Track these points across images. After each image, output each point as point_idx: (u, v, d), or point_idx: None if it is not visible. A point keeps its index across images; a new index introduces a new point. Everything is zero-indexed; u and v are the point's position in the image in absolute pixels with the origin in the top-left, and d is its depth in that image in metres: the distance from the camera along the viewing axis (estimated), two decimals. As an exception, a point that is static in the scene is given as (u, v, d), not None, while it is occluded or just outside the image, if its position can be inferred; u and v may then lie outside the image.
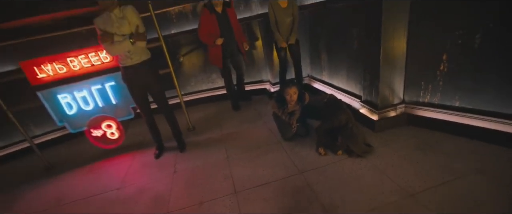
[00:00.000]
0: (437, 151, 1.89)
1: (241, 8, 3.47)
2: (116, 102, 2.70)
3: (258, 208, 1.68)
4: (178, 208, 1.84)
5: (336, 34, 2.80)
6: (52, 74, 2.46)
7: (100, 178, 2.47)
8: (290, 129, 2.38)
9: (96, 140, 2.83)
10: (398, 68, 2.23)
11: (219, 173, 2.14)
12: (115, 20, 2.05)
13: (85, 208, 2.06)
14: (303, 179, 1.88)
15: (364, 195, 1.62)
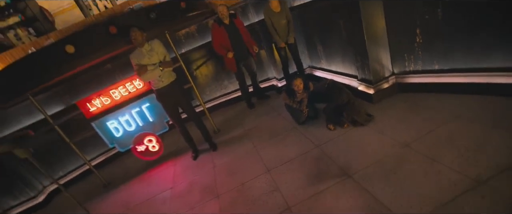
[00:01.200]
0: (424, 108, 2.30)
1: (245, 17, 3.91)
2: (153, 120, 3.22)
3: (288, 177, 2.14)
4: (225, 191, 2.32)
5: (326, 27, 3.22)
6: (100, 106, 2.99)
7: (153, 183, 2.99)
8: (301, 114, 2.82)
9: (141, 154, 3.35)
10: (382, 46, 2.64)
11: (250, 159, 2.62)
12: (145, 54, 2.54)
13: (151, 207, 2.57)
14: (320, 150, 2.33)
15: (369, 153, 2.06)
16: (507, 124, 1.78)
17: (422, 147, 1.91)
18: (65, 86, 3.55)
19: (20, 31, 3.24)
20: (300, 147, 2.50)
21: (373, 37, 2.57)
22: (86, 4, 3.42)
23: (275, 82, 4.20)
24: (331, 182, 1.93)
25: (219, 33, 3.26)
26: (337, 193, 1.82)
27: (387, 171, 1.83)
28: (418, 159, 1.83)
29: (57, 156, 3.69)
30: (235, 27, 3.30)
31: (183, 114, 2.98)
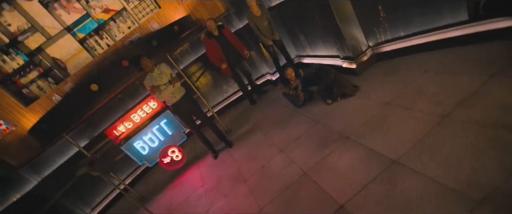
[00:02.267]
0: (398, 70, 2.73)
1: (230, 25, 4.33)
2: (172, 133, 3.64)
3: (299, 151, 2.57)
4: (249, 175, 2.75)
5: (304, 19, 3.63)
6: (124, 131, 3.41)
7: (185, 186, 3.41)
8: (298, 99, 3.24)
9: (167, 165, 3.77)
10: (354, 25, 3.06)
11: (264, 146, 3.04)
12: (156, 77, 2.96)
13: (190, 204, 2.99)
14: (320, 124, 2.75)
15: (360, 116, 2.48)
16: (461, 69, 2.20)
17: (400, 101, 2.33)
18: (85, 122, 3.96)
19: (41, 82, 3.65)
20: (303, 125, 2.92)
21: (344, 20, 2.99)
22: (90, 46, 3.84)
23: (269, 76, 4.62)
24: (334, 146, 2.36)
25: (211, 45, 3.66)
26: (340, 153, 2.25)
27: (375, 127, 2.26)
28: (397, 111, 2.26)
29: (92, 183, 4.11)
30: (224, 36, 3.70)
31: (196, 121, 3.39)
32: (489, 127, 1.67)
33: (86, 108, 3.01)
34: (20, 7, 3.34)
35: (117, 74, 3.02)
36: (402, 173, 1.77)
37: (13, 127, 3.40)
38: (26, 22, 3.42)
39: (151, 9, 4.14)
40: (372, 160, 1.99)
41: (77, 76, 3.76)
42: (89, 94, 2.96)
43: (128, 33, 4.05)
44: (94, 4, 3.85)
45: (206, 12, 4.28)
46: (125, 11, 4.04)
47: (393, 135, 2.07)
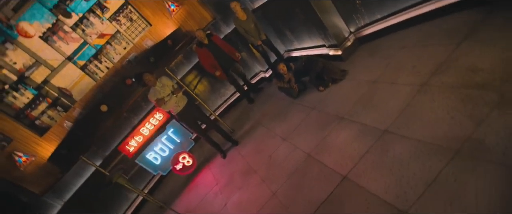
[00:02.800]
0: (379, 50, 2.96)
1: (219, 31, 4.55)
2: (180, 140, 3.85)
3: (301, 137, 2.79)
4: (259, 166, 2.97)
5: (288, 16, 3.86)
6: (136, 145, 3.62)
7: (200, 188, 3.62)
8: (293, 90, 3.47)
9: (180, 171, 3.98)
10: (334, 15, 3.29)
11: (268, 138, 3.26)
12: (159, 90, 3.18)
13: (207, 203, 3.20)
14: (317, 110, 2.98)
15: (351, 97, 2.71)
16: (434, 41, 2.44)
17: (384, 78, 2.56)
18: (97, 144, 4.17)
19: (51, 112, 3.86)
20: (301, 114, 3.15)
21: (324, 12, 3.22)
22: (91, 71, 4.05)
23: (263, 74, 4.85)
24: (331, 127, 2.59)
25: (203, 54, 3.88)
26: (337, 132, 2.48)
27: (365, 104, 2.49)
28: (383, 87, 2.49)
29: (112, 198, 4.31)
30: (214, 44, 3.92)
31: (201, 125, 3.61)
32: (460, 88, 1.90)
33: (98, 129, 3.22)
34: (22, 45, 3.56)
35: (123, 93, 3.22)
36: (392, 140, 1.99)
37: (32, 157, 3.61)
38: (29, 58, 3.64)
39: (143, 28, 4.36)
40: (365, 133, 2.22)
41: (83, 101, 3.98)
42: (100, 116, 3.17)
43: (125, 53, 4.27)
44: (90, 32, 4.07)
45: (194, 23, 4.51)
46: (119, 34, 4.26)
47: (382, 109, 2.30)
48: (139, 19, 4.32)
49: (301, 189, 2.27)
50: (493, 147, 1.46)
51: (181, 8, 4.42)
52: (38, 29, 3.71)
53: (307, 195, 2.17)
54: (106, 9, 4.12)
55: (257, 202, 2.53)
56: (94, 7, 4.05)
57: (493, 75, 1.78)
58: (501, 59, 1.82)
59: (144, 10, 4.30)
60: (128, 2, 4.21)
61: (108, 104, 3.14)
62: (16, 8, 3.25)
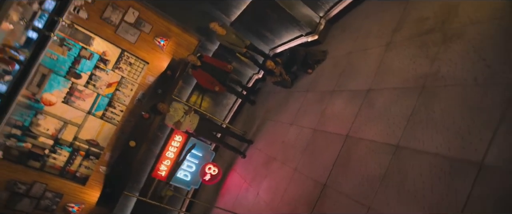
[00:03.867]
0: (348, 24, 3.37)
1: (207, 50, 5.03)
2: (202, 154, 4.28)
3: (305, 118, 3.19)
4: (276, 153, 3.35)
5: (262, 19, 4.31)
6: (166, 168, 4.06)
7: (231, 189, 4.01)
8: (286, 81, 3.88)
9: (209, 181, 4.39)
10: (300, 7, 3.72)
11: (277, 129, 3.66)
12: (173, 114, 3.62)
13: (243, 198, 3.58)
14: (311, 91, 3.38)
15: (335, 71, 3.10)
16: (389, 5, 2.84)
17: (357, 47, 2.96)
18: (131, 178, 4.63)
19: (86, 163, 4.35)
20: (299, 99, 3.55)
21: (292, 7, 3.66)
22: (109, 118, 4.55)
23: (256, 76, 5.28)
24: (326, 101, 2.98)
25: (199, 75, 4.32)
26: (332, 104, 2.87)
27: (348, 73, 2.88)
28: (357, 55, 2.88)
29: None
30: (206, 63, 4.37)
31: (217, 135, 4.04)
32: (415, 37, 2.29)
33: (131, 164, 3.68)
34: (49, 113, 4.09)
35: (143, 127, 3.69)
36: (375, 95, 2.38)
37: (82, 205, 4.07)
38: (58, 122, 4.17)
39: (142, 68, 4.87)
40: (354, 97, 2.61)
41: (110, 146, 4.46)
42: (130, 152, 3.63)
43: (133, 94, 4.77)
44: (99, 84, 4.59)
45: (184, 49, 5.00)
46: (124, 79, 4.77)
47: (361, 73, 2.69)
48: (137, 61, 4.84)
49: (316, 158, 2.66)
50: (447, 74, 1.84)
51: (170, 41, 4.92)
52: (58, 96, 4.25)
53: (322, 160, 2.55)
54: (107, 61, 4.64)
55: (283, 182, 2.92)
56: (97, 63, 4.59)
57: (435, 20, 2.17)
58: (439, 6, 2.21)
59: (139, 52, 4.81)
60: (124, 50, 4.74)
61: (134, 139, 3.60)
62: (39, 83, 3.79)
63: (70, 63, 4.42)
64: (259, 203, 3.14)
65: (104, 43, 4.62)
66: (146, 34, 4.83)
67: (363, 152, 2.16)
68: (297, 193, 2.63)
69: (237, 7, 4.42)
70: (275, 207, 2.82)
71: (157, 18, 4.86)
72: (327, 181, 2.34)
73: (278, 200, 2.84)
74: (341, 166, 2.30)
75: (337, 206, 2.11)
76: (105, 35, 4.59)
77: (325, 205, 2.22)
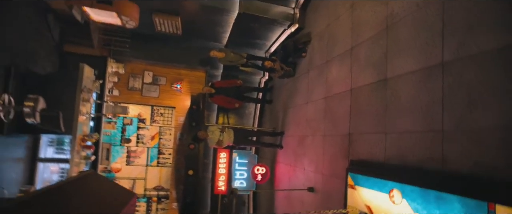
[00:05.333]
0: (318, 4, 3.90)
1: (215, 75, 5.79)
2: (247, 160, 4.89)
3: (314, 93, 3.69)
4: (304, 132, 3.86)
5: (248, 32, 4.97)
6: (223, 183, 4.71)
7: (282, 179, 4.52)
8: (288, 72, 4.43)
9: (262, 181, 4.94)
10: (271, 8, 4.31)
11: (297, 112, 4.18)
12: (212, 137, 4.30)
13: (296, 180, 4.08)
14: (311, 70, 3.90)
15: (322, 46, 3.61)
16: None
17: (331, 19, 3.47)
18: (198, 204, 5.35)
19: (160, 206, 5.20)
20: (304, 80, 4.08)
21: (266, 12, 4.28)
22: (163, 162, 5.37)
23: (263, 79, 5.90)
24: (325, 72, 3.48)
25: (217, 100, 4.99)
26: (330, 70, 3.36)
27: (332, 43, 3.38)
28: (334, 25, 3.39)
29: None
30: (219, 88, 5.05)
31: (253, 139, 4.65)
32: (368, -9, 2.77)
33: (195, 191, 4.43)
34: (120, 177, 5.06)
35: (193, 155, 4.43)
36: (357, 50, 2.85)
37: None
38: (128, 182, 5.12)
39: (171, 113, 5.73)
40: (343, 59, 3.09)
41: (172, 185, 5.30)
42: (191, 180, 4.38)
43: (173, 136, 5.61)
44: (146, 140, 5.51)
45: (197, 83, 5.81)
46: (161, 128, 5.65)
47: (342, 37, 3.18)
48: (165, 110, 5.71)
49: (335, 119, 3.14)
50: (399, 10, 2.30)
51: (184, 82, 5.76)
52: (121, 162, 5.22)
53: (340, 118, 3.03)
54: (144, 120, 5.57)
55: (319, 149, 3.41)
56: (138, 124, 5.53)
57: (376, -27, 2.65)
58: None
59: (164, 102, 5.69)
60: (152, 105, 5.66)
61: (192, 168, 4.33)
62: (107, 157, 4.75)
63: (120, 133, 5.39)
64: (308, 175, 3.63)
65: (137, 107, 5.56)
66: (164, 85, 5.72)
67: (366, 96, 2.62)
68: (333, 151, 3.10)
69: (225, 31, 5.14)
70: (321, 171, 3.31)
71: (167, 70, 5.75)
72: (350, 131, 2.81)
73: (321, 165, 3.32)
74: (355, 115, 2.77)
75: (364, 144, 2.56)
76: (135, 100, 5.54)
77: (356, 148, 2.68)
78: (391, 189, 1.99)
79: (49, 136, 3.80)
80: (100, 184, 1.96)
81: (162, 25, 4.67)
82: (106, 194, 1.87)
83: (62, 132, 3.35)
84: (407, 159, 2.05)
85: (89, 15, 3.75)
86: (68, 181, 1.93)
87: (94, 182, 1.97)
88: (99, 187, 1.92)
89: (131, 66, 5.55)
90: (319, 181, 3.36)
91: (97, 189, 1.89)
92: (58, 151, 3.91)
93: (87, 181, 1.93)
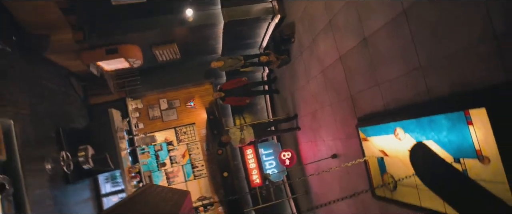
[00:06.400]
0: (290, -8, 4.21)
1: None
2: (272, 150, 5.27)
3: (311, 70, 4.01)
4: (314, 108, 4.17)
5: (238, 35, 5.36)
6: (257, 176, 5.12)
7: (308, 154, 4.85)
8: (284, 60, 4.77)
9: (290, 164, 5.26)
10: (251, 8, 4.68)
11: (302, 92, 4.51)
12: (235, 137, 4.73)
13: (319, 152, 4.41)
14: (303, 52, 4.22)
15: (305, 27, 3.92)
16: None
17: (308, 1, 3.78)
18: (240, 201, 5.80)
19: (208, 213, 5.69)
20: (300, 63, 4.40)
21: (247, 13, 4.65)
22: (198, 174, 5.89)
23: (264, 73, 6.26)
24: (314, 49, 3.79)
25: (229, 101, 5.42)
26: (318, 46, 3.67)
27: (313, 21, 3.69)
28: (310, 6, 3.69)
29: None
30: (227, 90, 5.48)
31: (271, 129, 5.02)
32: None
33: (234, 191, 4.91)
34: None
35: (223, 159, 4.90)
36: (335, 21, 3.14)
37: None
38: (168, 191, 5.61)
39: (193, 129, 6.27)
40: (327, 33, 3.39)
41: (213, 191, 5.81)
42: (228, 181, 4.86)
43: (201, 149, 6.12)
44: (178, 160, 6.09)
45: (207, 96, 6.30)
46: (188, 145, 6.19)
47: (319, 14, 3.49)
48: (187, 128, 6.24)
49: (336, 87, 3.44)
50: (357, -23, 2.59)
51: (195, 98, 6.27)
52: (163, 184, 5.81)
53: (339, 84, 3.33)
54: (171, 142, 6.14)
55: (330, 119, 3.72)
56: (167, 148, 6.11)
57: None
58: None
59: (184, 120, 6.23)
60: (175, 127, 6.21)
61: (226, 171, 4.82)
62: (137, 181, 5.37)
63: (155, 159, 5.99)
64: (328, 145, 3.95)
65: (162, 133, 6.13)
66: (179, 106, 6.26)
67: (354, 58, 2.92)
68: (342, 115, 3.41)
69: (217, 42, 5.56)
70: (338, 137, 3.62)
71: (178, 92, 6.29)
72: (350, 93, 3.11)
73: (336, 131, 3.64)
74: (350, 78, 3.07)
75: (365, 100, 2.86)
76: (159, 127, 6.12)
77: (360, 106, 2.99)
78: (394, 129, 2.29)
79: (104, 175, 4.42)
80: (158, 191, 2.42)
81: (163, 55, 5.19)
82: (166, 196, 2.33)
83: (113, 169, 3.94)
84: (401, 100, 2.34)
85: (103, 68, 4.33)
86: (131, 196, 2.41)
87: (153, 191, 2.43)
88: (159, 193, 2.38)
89: (147, 99, 6.14)
90: (338, 146, 3.67)
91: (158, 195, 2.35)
92: (114, 185, 4.53)
93: (147, 191, 2.40)
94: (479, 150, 1.60)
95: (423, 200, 2.11)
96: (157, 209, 2.05)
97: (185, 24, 4.48)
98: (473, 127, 1.60)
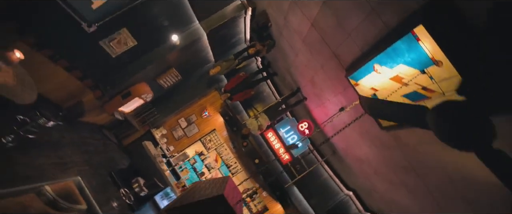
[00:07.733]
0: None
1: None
2: (289, 125, 5.74)
3: (296, 43, 4.40)
4: (311, 75, 4.57)
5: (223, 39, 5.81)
6: (284, 153, 5.63)
7: (321, 117, 5.27)
8: (269, 45, 5.17)
9: (309, 133, 5.70)
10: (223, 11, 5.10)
11: (297, 65, 4.91)
12: (252, 127, 5.25)
13: (327, 110, 4.82)
14: (282, 31, 4.61)
15: (275, 9, 4.30)
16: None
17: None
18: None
19: (256, 201, 6.33)
20: (283, 41, 4.80)
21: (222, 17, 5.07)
22: (235, 172, 6.50)
23: (258, 62, 6.69)
24: (289, 24, 4.17)
25: (236, 98, 5.94)
26: (291, 21, 4.05)
27: (282, 2, 4.06)
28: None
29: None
30: (231, 88, 5.98)
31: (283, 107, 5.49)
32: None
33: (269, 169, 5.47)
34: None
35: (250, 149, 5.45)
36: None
37: None
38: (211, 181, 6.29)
39: (215, 134, 6.90)
40: (293, 8, 3.76)
41: (252, 181, 6.41)
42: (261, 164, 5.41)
43: (229, 150, 6.74)
44: (213, 165, 6.85)
45: (215, 100, 6.87)
46: (217, 149, 6.82)
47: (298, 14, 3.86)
48: (210, 135, 6.87)
49: (318, 50, 3.82)
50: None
51: (207, 107, 6.87)
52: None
53: (320, 46, 3.71)
54: (202, 152, 6.81)
55: (326, 80, 4.13)
56: (201, 158, 6.78)
57: None
58: None
59: (205, 130, 6.86)
60: (200, 138, 6.86)
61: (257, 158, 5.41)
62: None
63: (193, 172, 6.68)
64: (333, 101, 4.37)
65: (190, 148, 6.80)
66: (196, 120, 6.88)
67: (322, 20, 3.30)
68: (334, 73, 3.80)
69: (207, 52, 6.03)
70: (337, 90, 4.02)
71: (191, 108, 6.91)
72: (332, 50, 3.49)
73: (334, 87, 4.06)
74: (327, 38, 3.45)
75: (344, 52, 3.25)
76: (187, 143, 6.78)
77: (343, 58, 3.37)
78: (373, 66, 2.68)
79: (158, 195, 5.14)
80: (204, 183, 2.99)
81: (166, 82, 5.77)
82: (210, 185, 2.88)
83: (163, 187, 4.62)
84: (370, 40, 2.71)
85: (124, 111, 4.98)
86: (183, 192, 3.00)
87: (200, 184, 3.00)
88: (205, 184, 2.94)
89: (167, 124, 6.81)
90: (341, 99, 4.07)
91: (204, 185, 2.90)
92: (169, 199, 5.24)
93: (195, 186, 2.97)
94: (432, 57, 1.98)
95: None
96: (206, 194, 2.61)
97: (175, 48, 5.00)
98: (421, 42, 1.98)
